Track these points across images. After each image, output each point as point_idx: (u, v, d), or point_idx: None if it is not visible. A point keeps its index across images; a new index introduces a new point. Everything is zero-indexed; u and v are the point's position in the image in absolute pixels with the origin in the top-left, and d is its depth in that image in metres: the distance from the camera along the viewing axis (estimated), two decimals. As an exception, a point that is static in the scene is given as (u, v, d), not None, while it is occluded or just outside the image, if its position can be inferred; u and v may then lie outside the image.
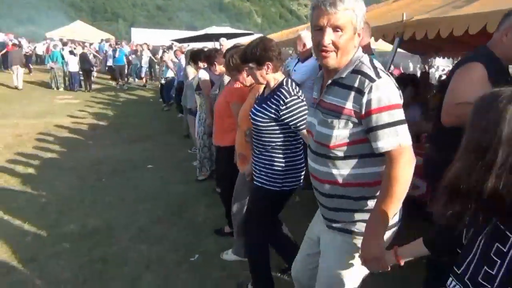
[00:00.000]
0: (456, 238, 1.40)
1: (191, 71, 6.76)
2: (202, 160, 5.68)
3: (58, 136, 8.71)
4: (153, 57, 19.25)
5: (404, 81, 4.55)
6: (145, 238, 4.04)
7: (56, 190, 5.33)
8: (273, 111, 2.63)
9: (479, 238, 1.26)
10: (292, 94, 2.61)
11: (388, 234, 1.83)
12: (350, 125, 1.74)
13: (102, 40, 23.73)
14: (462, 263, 1.32)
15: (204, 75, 5.36)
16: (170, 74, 11.85)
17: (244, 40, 13.99)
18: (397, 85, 1.78)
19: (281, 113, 2.59)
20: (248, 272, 3.19)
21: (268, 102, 2.69)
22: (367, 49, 3.82)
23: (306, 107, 2.57)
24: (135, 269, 3.49)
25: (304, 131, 2.37)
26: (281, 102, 2.59)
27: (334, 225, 1.94)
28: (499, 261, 1.18)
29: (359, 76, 1.72)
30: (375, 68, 1.74)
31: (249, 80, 3.25)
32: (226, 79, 4.33)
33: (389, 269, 1.73)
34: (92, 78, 17.25)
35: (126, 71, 18.61)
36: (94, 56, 18.69)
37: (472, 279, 1.26)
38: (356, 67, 1.76)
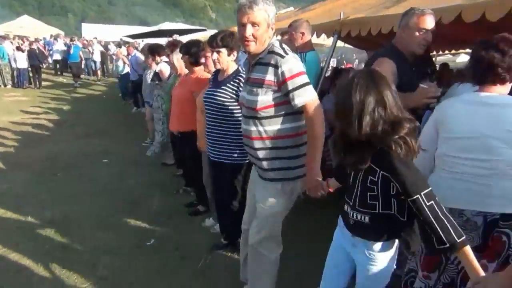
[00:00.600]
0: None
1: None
2: (166, 144, 6.02)
3: (10, 133, 8.58)
4: (105, 52, 18.99)
5: (339, 73, 4.99)
6: (103, 227, 4.21)
7: (11, 185, 5.36)
8: (234, 91, 3.16)
9: (358, 176, 1.85)
10: None
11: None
12: (270, 92, 2.36)
13: (51, 35, 23.02)
14: (351, 197, 1.92)
15: (165, 67, 5.58)
16: (126, 69, 11.80)
17: (197, 36, 14.12)
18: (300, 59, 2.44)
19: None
20: (200, 253, 3.66)
21: (229, 85, 3.20)
22: (308, 45, 4.17)
23: None
24: (95, 254, 3.67)
25: None
26: (242, 84, 3.07)
27: (265, 175, 2.56)
28: (374, 187, 1.78)
29: (273, 55, 2.33)
30: (283, 48, 2.36)
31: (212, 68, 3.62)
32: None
33: (325, 193, 2.36)
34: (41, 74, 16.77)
35: (82, 67, 18.32)
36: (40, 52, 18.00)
37: (362, 204, 1.85)
38: (270, 49, 2.36)
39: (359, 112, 1.67)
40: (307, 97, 2.31)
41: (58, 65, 19.80)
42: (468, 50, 9.14)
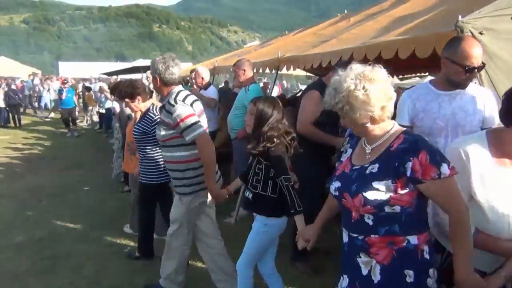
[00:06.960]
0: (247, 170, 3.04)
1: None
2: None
3: (-6, 169, 9.17)
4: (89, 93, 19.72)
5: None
6: (85, 240, 4.95)
7: (1, 212, 6.04)
8: (144, 126, 3.97)
9: (253, 164, 2.89)
10: (156, 115, 3.95)
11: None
12: (171, 129, 3.15)
13: (34, 74, 23.56)
14: (248, 179, 2.95)
15: (117, 106, 6.49)
16: (108, 104, 12.38)
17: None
18: (189, 104, 3.21)
19: (151, 129, 3.90)
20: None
21: (141, 122, 4.03)
22: (251, 79, 5.08)
23: None
24: (80, 261, 4.40)
25: None
26: (150, 121, 3.97)
27: (175, 189, 3.38)
28: (260, 172, 2.84)
29: (168, 104, 3.17)
30: (175, 99, 3.15)
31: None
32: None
33: (226, 197, 3.29)
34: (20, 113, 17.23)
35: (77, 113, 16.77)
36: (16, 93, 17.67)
37: (252, 184, 2.90)
38: (168, 99, 3.21)
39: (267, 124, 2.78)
40: (195, 134, 3.08)
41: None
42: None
